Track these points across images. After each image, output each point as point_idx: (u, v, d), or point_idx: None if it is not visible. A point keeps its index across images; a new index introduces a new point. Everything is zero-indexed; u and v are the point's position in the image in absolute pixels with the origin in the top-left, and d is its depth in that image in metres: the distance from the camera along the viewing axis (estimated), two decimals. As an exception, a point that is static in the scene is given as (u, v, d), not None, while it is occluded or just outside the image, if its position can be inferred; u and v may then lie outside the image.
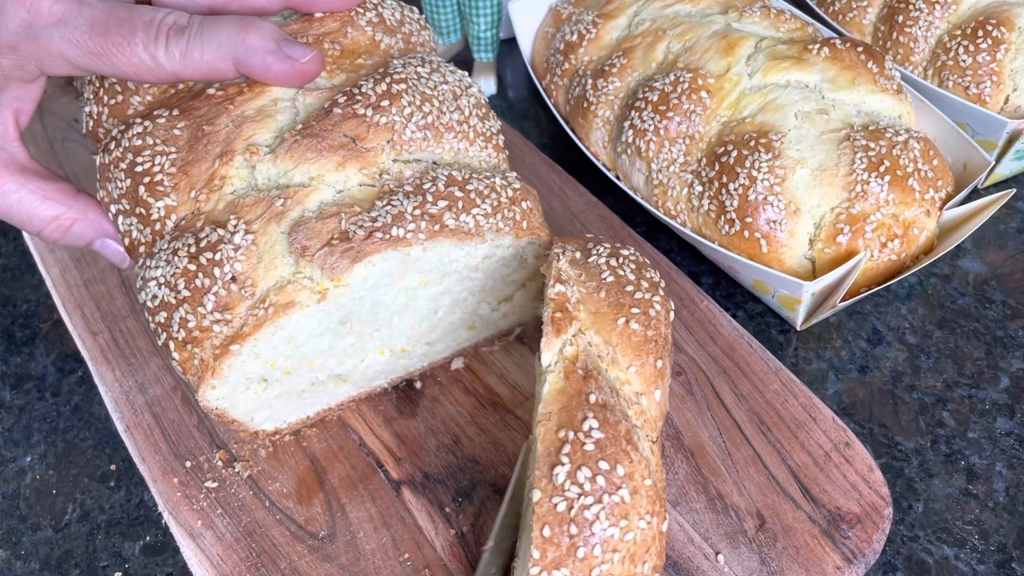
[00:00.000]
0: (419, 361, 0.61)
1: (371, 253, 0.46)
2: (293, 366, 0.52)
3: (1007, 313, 0.68)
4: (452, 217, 0.49)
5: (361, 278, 0.48)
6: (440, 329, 0.58)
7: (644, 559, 0.44)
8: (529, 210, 0.54)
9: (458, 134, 0.53)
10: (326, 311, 0.49)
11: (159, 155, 0.48)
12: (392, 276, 0.50)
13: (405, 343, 0.57)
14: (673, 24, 0.74)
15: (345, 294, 0.48)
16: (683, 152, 0.68)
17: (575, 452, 0.44)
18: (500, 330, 0.63)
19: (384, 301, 0.52)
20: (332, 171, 0.48)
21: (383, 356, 0.57)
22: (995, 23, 0.72)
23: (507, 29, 0.93)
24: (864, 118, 0.67)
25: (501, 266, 0.55)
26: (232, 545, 0.53)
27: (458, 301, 0.57)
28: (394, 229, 0.47)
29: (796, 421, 0.57)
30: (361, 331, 0.53)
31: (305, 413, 0.58)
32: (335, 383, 0.57)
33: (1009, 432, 0.61)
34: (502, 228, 0.51)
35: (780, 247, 0.63)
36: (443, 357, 0.62)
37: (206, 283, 0.46)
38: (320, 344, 0.51)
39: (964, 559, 0.55)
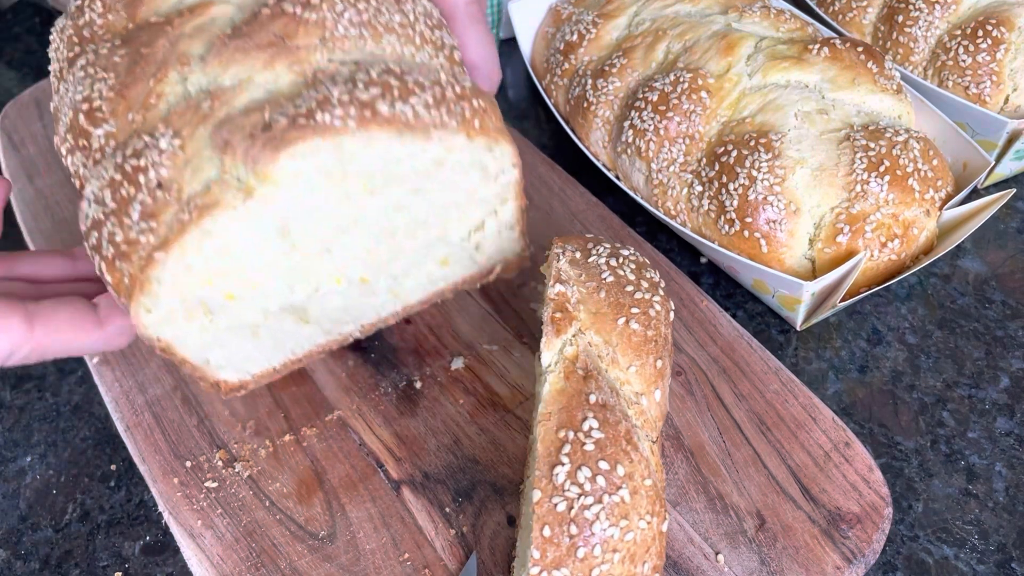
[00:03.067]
0: (388, 301, 0.56)
1: (295, 141, 0.41)
2: (235, 287, 0.47)
3: (1007, 313, 0.68)
4: (386, 104, 0.43)
5: (291, 174, 0.43)
6: (404, 258, 0.53)
7: (644, 559, 0.44)
8: (482, 109, 0.48)
9: (401, 36, 0.49)
10: (258, 216, 0.44)
11: (98, 82, 0.46)
12: (328, 176, 0.44)
13: (364, 271, 0.52)
14: (673, 24, 0.74)
15: (275, 195, 0.43)
16: (683, 152, 0.68)
17: (575, 452, 0.44)
18: (479, 268, 0.58)
19: (326, 210, 0.47)
20: (260, 70, 0.45)
21: (340, 286, 0.52)
22: (995, 23, 0.72)
23: (507, 29, 0.93)
24: (864, 118, 0.67)
25: (459, 177, 0.50)
26: (232, 545, 0.53)
27: (418, 221, 0.51)
28: (319, 115, 0.42)
29: (796, 421, 0.57)
30: (307, 247, 0.48)
31: (270, 363, 0.54)
32: (295, 322, 0.53)
33: (1009, 432, 0.61)
34: (447, 123, 0.46)
35: (780, 247, 0.63)
36: (418, 300, 0.57)
37: (131, 191, 0.43)
38: (261, 259, 0.47)
39: (964, 559, 0.55)
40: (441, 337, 0.64)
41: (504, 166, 0.51)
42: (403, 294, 0.56)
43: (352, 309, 0.54)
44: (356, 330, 0.56)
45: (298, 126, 0.42)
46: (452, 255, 0.55)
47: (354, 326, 0.56)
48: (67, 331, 0.46)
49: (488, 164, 0.50)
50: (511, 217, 0.55)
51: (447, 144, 0.47)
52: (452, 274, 0.57)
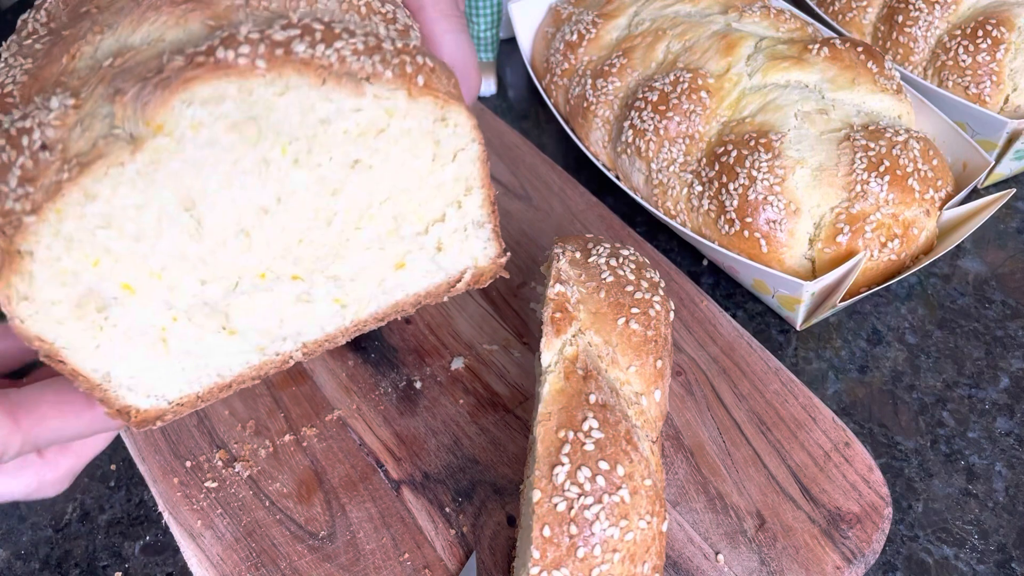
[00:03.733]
0: (333, 313, 0.46)
1: (190, 81, 0.35)
2: (131, 274, 0.39)
3: (1007, 313, 0.68)
4: (304, 45, 0.37)
5: (187, 123, 0.36)
6: (348, 256, 0.45)
7: (644, 559, 0.44)
8: (430, 68, 0.41)
9: (342, 3, 0.42)
10: (153, 178, 0.36)
11: (14, 68, 0.41)
12: (237, 132, 0.37)
13: (294, 266, 0.43)
14: (673, 24, 0.74)
15: (172, 151, 0.36)
16: (683, 152, 0.68)
17: (575, 452, 0.44)
18: (445, 275, 0.48)
19: (238, 179, 0.39)
20: (172, 27, 0.39)
21: (266, 283, 0.43)
22: (995, 23, 0.72)
23: (507, 29, 0.93)
24: (864, 118, 0.67)
25: (406, 151, 0.42)
26: (232, 545, 0.53)
27: (360, 207, 0.43)
28: (221, 51, 0.35)
29: (796, 421, 0.57)
30: (218, 227, 0.40)
31: (191, 386, 0.45)
32: (216, 331, 0.43)
33: (1009, 432, 0.61)
34: (381, 72, 0.38)
35: (780, 247, 0.63)
36: (371, 314, 0.47)
37: (12, 156, 0.37)
38: (161, 239, 0.39)
39: (964, 559, 0.55)
40: (441, 337, 0.64)
41: (462, 141, 0.43)
42: (351, 304, 0.47)
43: (289, 320, 0.45)
44: (296, 350, 0.46)
45: (195, 64, 0.35)
46: (409, 257, 0.47)
47: (293, 344, 0.46)
48: (55, 417, 0.41)
49: (441, 137, 0.43)
50: (479, 211, 0.47)
51: (385, 103, 0.40)
52: (410, 281, 0.48)
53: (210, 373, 0.45)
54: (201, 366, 0.44)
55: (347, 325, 0.47)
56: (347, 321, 0.47)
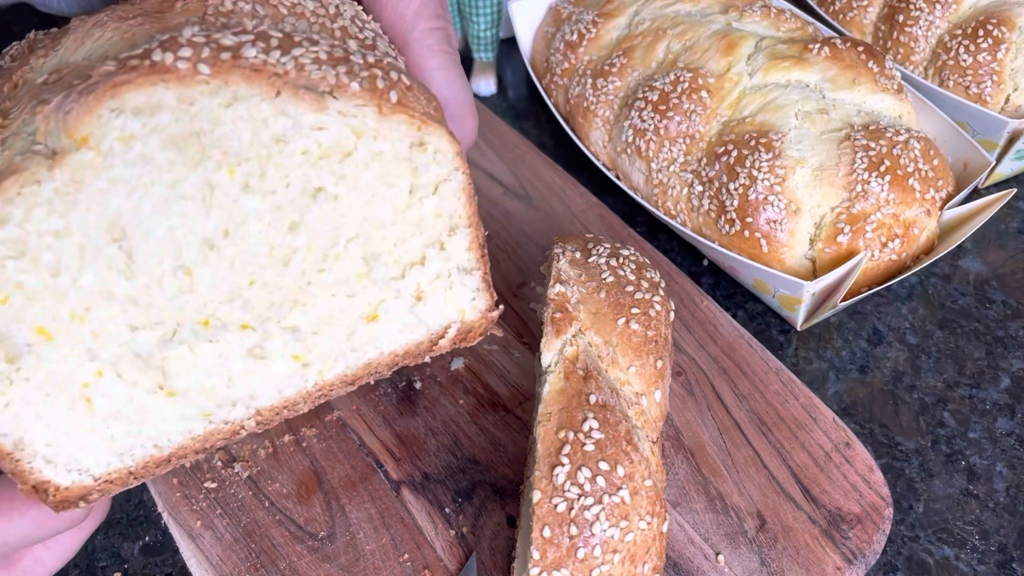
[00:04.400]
0: (293, 374, 0.40)
1: (121, 87, 0.30)
2: (49, 317, 0.33)
3: (1007, 313, 0.68)
4: (256, 51, 0.32)
5: (115, 135, 0.30)
6: (312, 306, 0.38)
7: (644, 560, 0.44)
8: (406, 86, 0.36)
9: (313, 24, 0.37)
10: (75, 202, 0.31)
11: None
12: (174, 146, 0.32)
13: (244, 313, 0.37)
14: (673, 24, 0.74)
15: (95, 166, 0.31)
16: (683, 152, 0.68)
17: (575, 453, 0.44)
18: (426, 329, 0.42)
19: (178, 206, 0.33)
20: (119, 42, 0.34)
21: (209, 330, 0.36)
22: (996, 23, 0.72)
23: (507, 29, 0.93)
24: (865, 118, 0.67)
25: (379, 182, 0.36)
26: (231, 545, 0.53)
27: (326, 247, 0.37)
28: (158, 54, 0.30)
29: (796, 421, 0.57)
30: (152, 263, 0.34)
31: (120, 459, 0.38)
32: (151, 393, 0.37)
33: (1010, 432, 0.61)
34: (348, 86, 0.33)
35: (780, 247, 0.63)
36: (338, 376, 0.41)
37: None
38: (84, 275, 0.33)
39: (965, 559, 0.54)
40: (441, 337, 0.64)
41: (444, 170, 0.38)
42: (314, 363, 0.40)
43: (239, 381, 0.38)
44: (249, 418, 0.40)
45: (127, 68, 0.30)
46: (383, 307, 0.40)
47: (245, 410, 0.39)
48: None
49: (419, 164, 0.37)
50: (465, 254, 0.40)
51: (351, 121, 0.34)
52: (385, 336, 0.41)
53: (144, 443, 0.38)
54: (133, 434, 0.37)
55: (309, 388, 0.40)
56: (309, 383, 0.40)
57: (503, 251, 0.70)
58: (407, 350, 0.42)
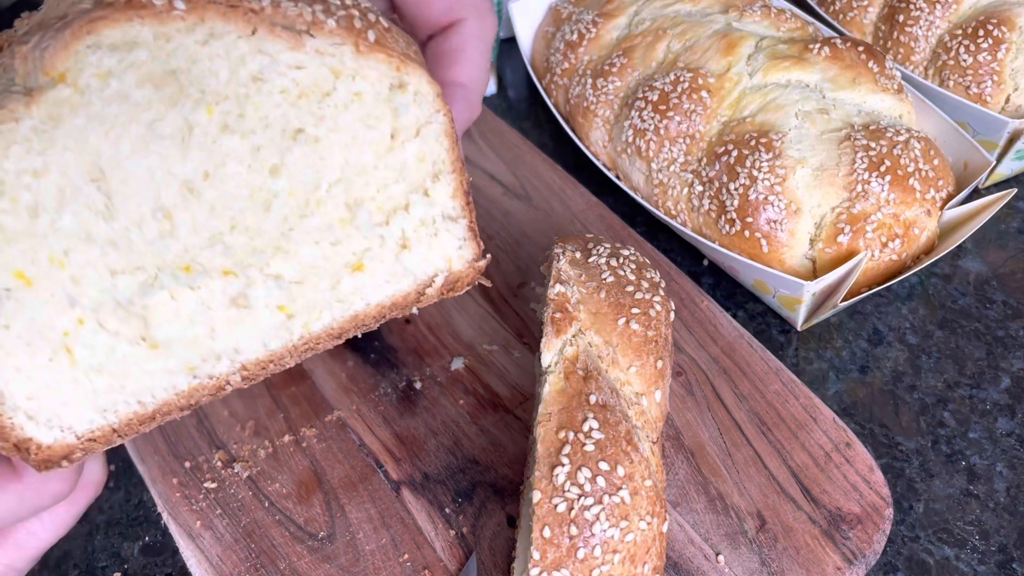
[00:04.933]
0: (277, 325, 0.39)
1: (97, 22, 0.30)
2: (28, 260, 0.32)
3: (1008, 313, 0.68)
4: None
5: (92, 70, 0.30)
6: (295, 253, 0.38)
7: (644, 560, 0.44)
8: (384, 27, 0.36)
9: None
10: (53, 140, 0.31)
11: None
12: (152, 83, 0.32)
13: (226, 258, 0.36)
14: (673, 23, 0.74)
15: (73, 102, 0.30)
16: (683, 152, 0.68)
17: (575, 453, 0.44)
18: (413, 279, 0.41)
19: (157, 146, 0.33)
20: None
21: (191, 275, 0.36)
22: (996, 23, 0.72)
23: (507, 28, 0.93)
24: (865, 118, 0.66)
25: (359, 123, 0.36)
26: (231, 545, 0.53)
27: (307, 191, 0.37)
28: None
29: (797, 421, 0.57)
30: (132, 206, 0.33)
31: (103, 415, 0.37)
32: (134, 344, 0.36)
33: (1010, 432, 0.61)
34: (324, 23, 0.33)
35: (781, 247, 0.63)
36: (324, 328, 0.40)
37: None
38: (63, 217, 0.32)
39: (965, 559, 0.54)
40: (441, 337, 0.64)
41: (425, 112, 0.37)
42: (299, 314, 0.39)
43: (223, 332, 0.38)
44: (234, 372, 0.39)
45: (103, 4, 0.30)
46: (368, 256, 0.39)
47: (230, 364, 0.38)
48: None
49: (399, 105, 0.37)
50: (450, 201, 0.40)
51: (329, 60, 0.34)
52: (371, 286, 0.40)
53: (128, 399, 0.37)
54: (116, 388, 0.37)
55: (295, 341, 0.39)
56: (295, 336, 0.39)
57: (503, 251, 0.70)
58: (394, 301, 0.41)
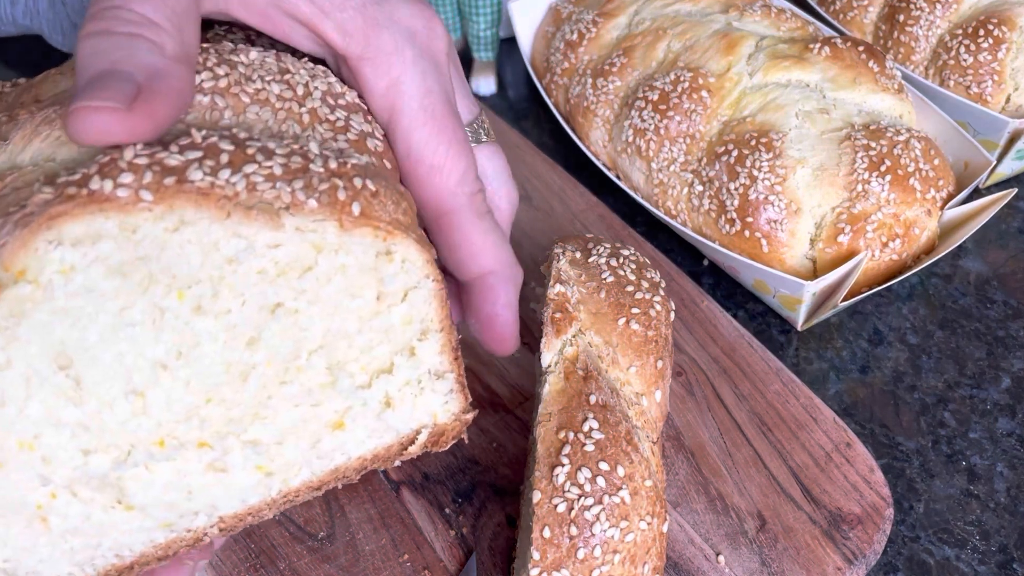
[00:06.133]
0: (255, 484, 0.38)
1: (57, 219, 0.28)
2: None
3: (1008, 313, 0.68)
4: (203, 172, 0.30)
5: (54, 267, 0.29)
6: (274, 419, 0.36)
7: (644, 560, 0.44)
8: (371, 193, 0.34)
9: (278, 110, 0.35)
10: (15, 336, 0.30)
11: None
12: (119, 274, 0.30)
13: (201, 431, 0.35)
14: (673, 23, 0.74)
15: (35, 299, 0.29)
16: (683, 151, 0.68)
17: (575, 453, 0.44)
18: (396, 435, 0.40)
19: (127, 333, 0.32)
20: (67, 143, 0.33)
21: (165, 450, 0.35)
22: (996, 22, 0.72)
23: (507, 28, 0.93)
24: (865, 117, 0.66)
25: (342, 294, 0.35)
26: (231, 545, 0.53)
27: (287, 360, 0.35)
28: (95, 181, 0.29)
29: (797, 421, 0.57)
30: (103, 388, 0.32)
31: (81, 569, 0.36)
32: (109, 509, 0.35)
33: (1010, 432, 0.61)
34: (304, 203, 0.32)
35: (781, 247, 0.63)
36: (303, 483, 0.39)
37: None
38: (31, 405, 0.32)
39: (965, 560, 0.54)
40: (441, 337, 0.64)
41: (412, 278, 0.36)
42: (278, 472, 0.38)
43: (200, 493, 0.37)
44: (212, 525, 0.38)
45: (64, 197, 0.29)
46: (350, 415, 0.38)
47: (207, 519, 0.38)
48: None
49: (386, 274, 0.35)
50: (437, 358, 0.39)
51: (310, 236, 0.33)
52: (352, 442, 0.39)
53: (105, 554, 0.36)
54: (93, 546, 0.36)
55: (274, 496, 0.38)
56: (273, 492, 0.38)
57: (503, 251, 0.70)
58: (376, 455, 0.40)
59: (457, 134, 0.39)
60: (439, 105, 0.38)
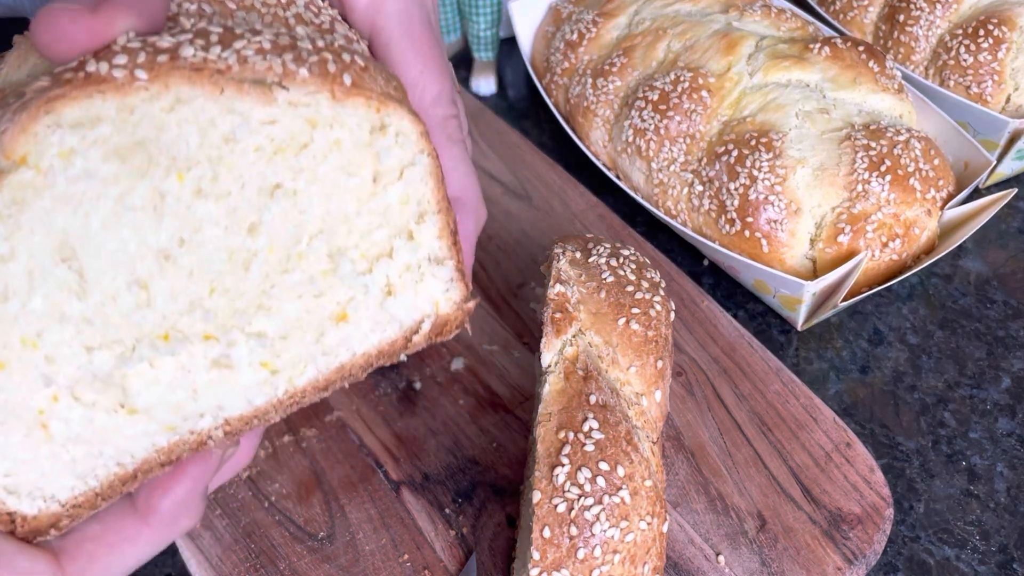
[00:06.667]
0: (261, 382, 0.37)
1: (56, 101, 0.29)
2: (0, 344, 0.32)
3: (1008, 313, 0.68)
4: (195, 49, 0.31)
5: (54, 151, 0.29)
6: (278, 310, 0.36)
7: (644, 560, 0.44)
8: (360, 67, 0.34)
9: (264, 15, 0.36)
10: (19, 225, 0.30)
11: None
12: (118, 157, 0.31)
13: (206, 324, 0.35)
14: (674, 23, 0.74)
15: (36, 185, 0.30)
16: (683, 151, 0.68)
17: (575, 453, 0.44)
18: (399, 326, 0.39)
19: (126, 216, 0.32)
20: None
21: (170, 344, 0.35)
22: (996, 22, 0.72)
23: (507, 28, 0.93)
24: (865, 117, 0.66)
25: (339, 172, 0.35)
26: (231, 546, 0.53)
27: (288, 247, 0.36)
28: (91, 64, 0.29)
29: (797, 421, 0.57)
30: (105, 280, 0.32)
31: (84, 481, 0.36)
32: (110, 411, 0.35)
33: (1010, 432, 0.61)
34: (296, 73, 0.32)
35: (781, 247, 0.63)
36: (309, 382, 0.39)
37: None
38: (34, 299, 0.32)
39: (965, 560, 0.54)
40: (441, 337, 0.64)
41: (408, 153, 0.36)
42: (283, 369, 0.38)
43: (205, 392, 0.36)
44: (217, 427, 0.37)
45: (62, 82, 0.29)
46: (352, 305, 0.38)
47: (212, 420, 0.37)
48: (104, 552, 0.35)
49: (381, 149, 0.36)
50: (436, 243, 0.39)
51: (304, 111, 0.33)
52: (356, 336, 0.39)
53: (107, 463, 0.36)
54: (95, 455, 0.35)
55: (280, 396, 0.38)
56: (279, 391, 0.38)
57: (503, 251, 0.70)
58: (380, 350, 0.40)
59: (435, 55, 0.39)
60: (418, 25, 0.39)
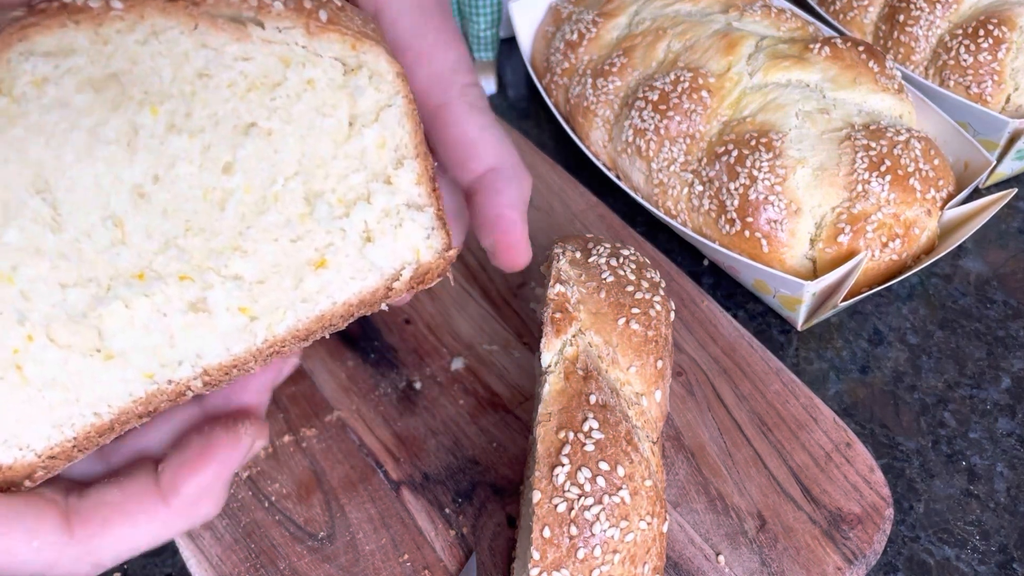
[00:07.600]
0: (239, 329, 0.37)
1: (29, 29, 0.29)
2: None
3: (1008, 313, 0.68)
4: None
5: (27, 78, 0.29)
6: (254, 252, 0.36)
7: (644, 560, 0.44)
8: (337, 7, 0.34)
9: None
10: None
11: None
12: (91, 88, 0.31)
13: (181, 263, 0.35)
14: (674, 23, 0.74)
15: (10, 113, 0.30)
16: (683, 151, 0.68)
17: (575, 453, 0.44)
18: (380, 274, 0.39)
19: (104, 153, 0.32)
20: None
21: (145, 283, 0.34)
22: (996, 22, 0.72)
23: (507, 28, 0.93)
24: (865, 117, 0.66)
25: (314, 112, 0.35)
26: (231, 546, 0.53)
27: (264, 187, 0.35)
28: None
29: (797, 421, 0.57)
30: (81, 214, 0.32)
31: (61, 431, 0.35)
32: (88, 357, 0.35)
33: (1010, 432, 0.61)
34: (270, 6, 0.32)
35: (781, 247, 0.63)
36: (288, 330, 0.38)
37: None
38: (8, 232, 0.32)
39: (965, 560, 0.54)
40: (441, 337, 0.64)
41: (384, 94, 0.36)
42: (262, 315, 0.37)
43: (182, 338, 0.36)
44: (195, 377, 0.37)
45: (35, 11, 0.29)
46: (331, 251, 0.38)
47: (191, 369, 0.36)
48: (119, 521, 0.34)
49: (356, 89, 0.35)
50: (414, 188, 0.38)
51: (278, 48, 0.33)
52: (336, 283, 0.38)
53: (83, 411, 0.35)
54: (71, 401, 0.35)
55: (259, 344, 0.37)
56: (258, 339, 0.37)
57: (503, 251, 0.70)
58: (361, 298, 0.39)
59: (446, 25, 0.38)
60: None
